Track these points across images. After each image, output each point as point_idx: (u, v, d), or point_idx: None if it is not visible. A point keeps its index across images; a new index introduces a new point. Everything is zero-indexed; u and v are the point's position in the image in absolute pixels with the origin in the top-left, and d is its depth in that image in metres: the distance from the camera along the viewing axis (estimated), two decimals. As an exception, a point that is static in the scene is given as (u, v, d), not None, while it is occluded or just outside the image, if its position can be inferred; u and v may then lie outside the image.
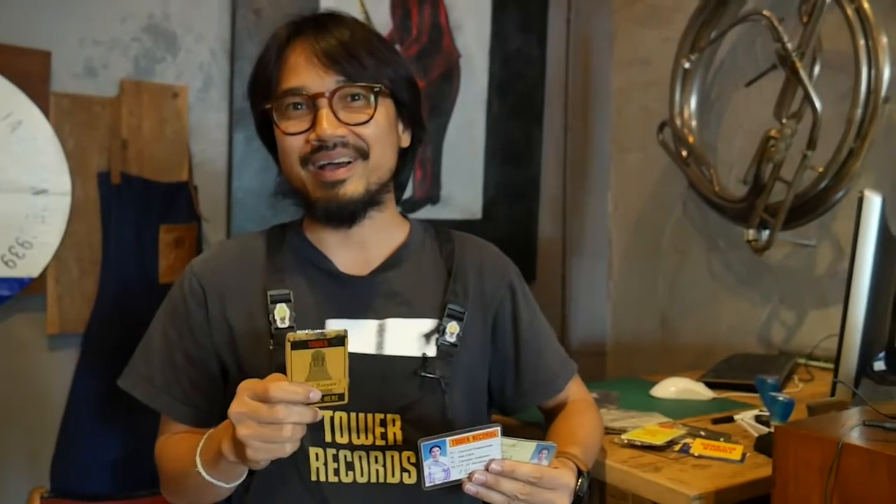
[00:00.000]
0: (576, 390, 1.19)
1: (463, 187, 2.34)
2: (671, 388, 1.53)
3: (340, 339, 0.85)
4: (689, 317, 2.37)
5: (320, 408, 0.86)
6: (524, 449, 0.92)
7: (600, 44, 2.60)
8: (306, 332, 0.84)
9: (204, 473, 0.93)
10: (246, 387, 0.86)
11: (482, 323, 1.13)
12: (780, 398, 1.14)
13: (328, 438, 1.03)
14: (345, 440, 1.03)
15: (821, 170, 1.79)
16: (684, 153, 2.14)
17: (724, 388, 1.58)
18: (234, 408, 0.84)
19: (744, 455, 1.13)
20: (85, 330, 1.83)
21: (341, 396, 0.87)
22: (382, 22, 2.17)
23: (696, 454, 1.14)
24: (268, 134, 1.11)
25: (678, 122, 2.16)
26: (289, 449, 0.84)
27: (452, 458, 0.89)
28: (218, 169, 2.02)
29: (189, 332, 1.08)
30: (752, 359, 1.84)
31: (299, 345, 0.84)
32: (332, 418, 1.03)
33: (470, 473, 0.89)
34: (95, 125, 1.84)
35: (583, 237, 2.63)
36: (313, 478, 1.02)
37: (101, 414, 1.84)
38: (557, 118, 2.55)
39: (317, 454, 1.02)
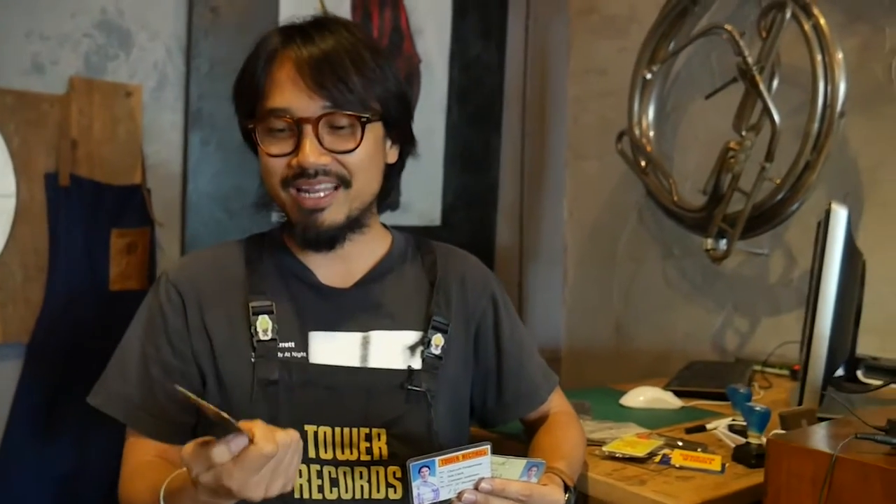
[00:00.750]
0: (557, 402, 1.19)
1: (422, 193, 2.31)
2: (640, 397, 1.54)
3: None
4: (643, 323, 2.40)
5: None
6: (513, 466, 0.91)
7: (557, 52, 2.62)
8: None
9: None
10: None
11: (465, 335, 1.11)
12: (758, 409, 1.15)
13: (312, 454, 1.00)
14: (329, 455, 1.00)
15: (778, 181, 1.83)
16: (643, 163, 2.16)
17: (691, 396, 1.60)
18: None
19: (723, 465, 1.14)
20: (29, 340, 1.73)
21: None
22: (343, 24, 2.13)
23: (677, 465, 1.14)
24: (251, 137, 1.08)
25: (637, 131, 2.18)
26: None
27: (442, 478, 0.87)
28: (172, 172, 1.95)
29: (167, 342, 1.03)
30: (711, 366, 1.87)
31: None
32: (315, 433, 1.00)
33: (459, 493, 0.88)
34: (43, 124, 1.75)
35: (539, 244, 2.64)
36: (297, 495, 0.99)
37: (44, 428, 1.75)
38: (515, 125, 2.55)
39: (300, 471, 0.99)
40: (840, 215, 1.32)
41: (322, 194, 0.99)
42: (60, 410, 1.76)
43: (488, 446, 0.87)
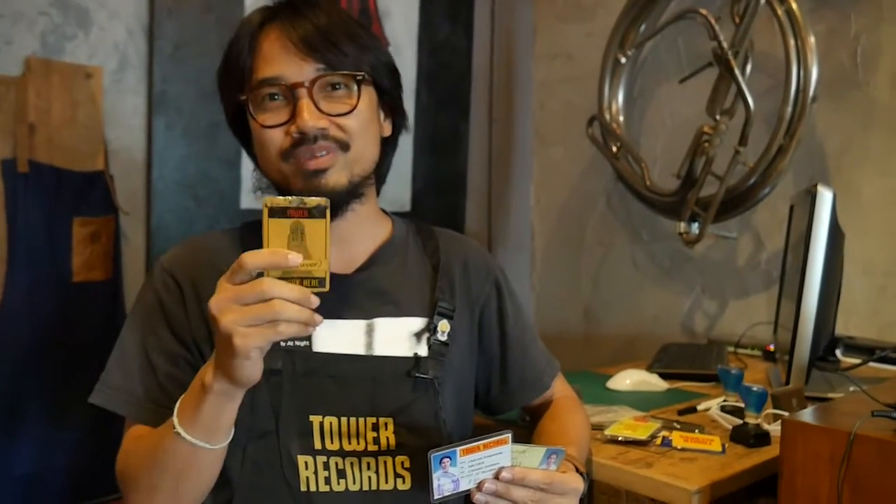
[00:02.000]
0: (560, 387, 1.18)
1: (391, 179, 2.23)
2: (626, 380, 1.55)
3: (322, 210, 0.78)
4: (612, 308, 2.42)
5: None
6: (533, 455, 0.89)
7: (524, 36, 2.60)
8: (285, 197, 0.78)
9: (182, 432, 0.84)
10: (223, 279, 0.79)
11: (469, 320, 1.10)
12: (755, 389, 1.17)
13: (318, 445, 0.97)
14: (335, 446, 0.97)
15: (750, 165, 1.86)
16: (614, 147, 2.17)
17: (674, 378, 1.61)
18: (213, 299, 0.78)
19: (723, 446, 1.15)
20: (-13, 334, 1.65)
21: (322, 282, 0.79)
22: (310, 5, 2.08)
23: (678, 447, 1.15)
24: (239, 126, 1.05)
25: (607, 116, 2.18)
26: (283, 329, 0.76)
27: (462, 468, 0.85)
28: (136, 157, 1.87)
29: (167, 329, 0.99)
30: (686, 348, 1.89)
31: (277, 212, 0.77)
32: (321, 424, 0.97)
33: (479, 483, 0.86)
34: (-2, 107, 1.65)
35: (507, 229, 2.63)
36: (303, 488, 0.96)
37: (7, 426, 1.67)
38: (483, 110, 2.53)
39: (306, 462, 0.97)
40: (826, 197, 1.34)
41: (323, 155, 0.97)
42: (22, 407, 1.68)
43: (509, 435, 0.85)
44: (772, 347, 1.84)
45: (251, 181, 1.09)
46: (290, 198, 0.78)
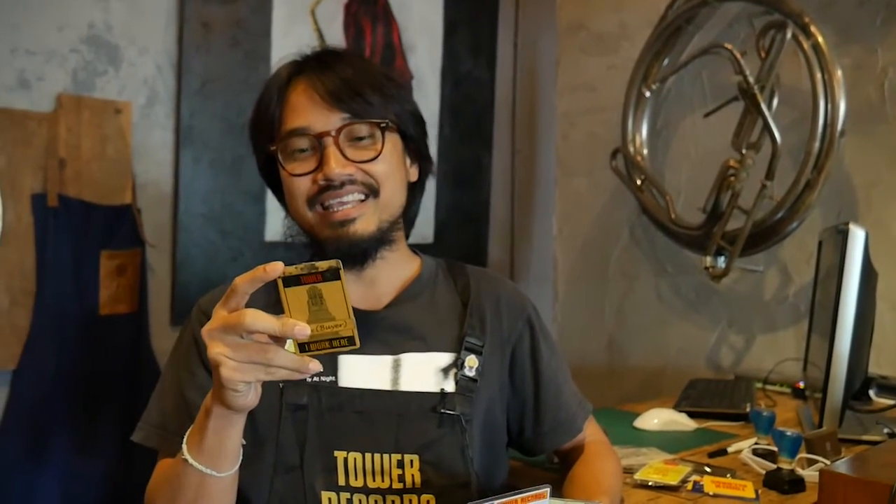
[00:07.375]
0: (592, 431, 1.16)
1: (415, 211, 2.28)
2: (654, 419, 1.53)
3: (334, 272, 0.76)
4: (636, 340, 2.39)
5: (331, 352, 0.78)
6: None
7: (546, 68, 2.61)
8: (295, 265, 0.76)
9: (190, 458, 0.84)
10: (218, 305, 0.77)
11: (500, 359, 1.09)
12: (789, 434, 1.14)
13: (342, 482, 0.97)
14: (359, 483, 0.98)
15: (777, 199, 1.84)
16: (638, 180, 2.16)
17: (702, 416, 1.59)
18: (206, 326, 0.77)
19: (757, 492, 1.13)
20: (16, 367, 1.67)
21: (350, 340, 0.78)
22: (335, 40, 2.10)
23: (710, 493, 1.13)
24: (270, 174, 1.08)
25: (631, 149, 2.18)
26: (273, 372, 0.76)
27: None
28: (163, 191, 1.89)
29: (201, 366, 1.01)
30: (714, 385, 1.86)
31: (291, 281, 0.76)
32: (345, 459, 0.98)
33: None
34: (30, 142, 1.68)
35: (529, 261, 2.62)
36: None
37: (32, 457, 1.68)
38: (506, 141, 2.54)
39: (330, 499, 0.97)
40: (858, 236, 1.33)
41: (350, 206, 1.00)
42: (48, 440, 1.69)
43: (548, 489, 0.84)
44: (801, 385, 1.81)
45: (282, 228, 1.11)
46: (300, 265, 0.77)
